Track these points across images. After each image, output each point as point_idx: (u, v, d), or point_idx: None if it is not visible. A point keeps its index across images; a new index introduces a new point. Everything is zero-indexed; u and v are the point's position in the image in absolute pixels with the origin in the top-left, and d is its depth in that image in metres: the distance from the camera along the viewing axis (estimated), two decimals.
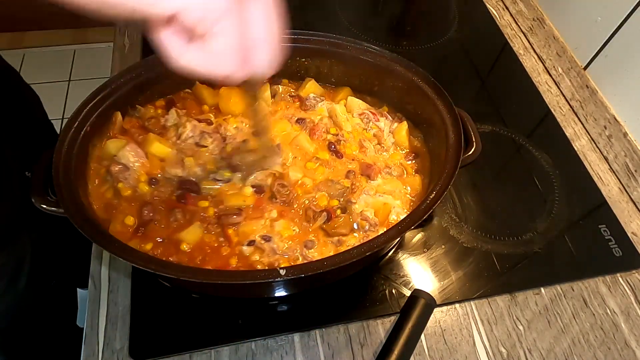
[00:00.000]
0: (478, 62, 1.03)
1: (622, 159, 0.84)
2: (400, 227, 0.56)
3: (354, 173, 0.70)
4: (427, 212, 0.56)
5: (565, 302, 0.70)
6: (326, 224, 0.63)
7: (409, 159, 0.74)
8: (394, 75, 0.74)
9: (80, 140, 0.62)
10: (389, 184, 0.70)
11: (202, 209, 0.64)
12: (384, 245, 0.55)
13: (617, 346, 0.66)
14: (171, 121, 0.71)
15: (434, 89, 0.70)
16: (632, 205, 0.82)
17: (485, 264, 0.72)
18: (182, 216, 0.63)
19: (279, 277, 0.50)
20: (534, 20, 1.07)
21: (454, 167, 0.61)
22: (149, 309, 0.64)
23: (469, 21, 1.11)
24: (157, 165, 0.67)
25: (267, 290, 0.65)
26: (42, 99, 1.09)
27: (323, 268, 0.52)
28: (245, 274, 0.55)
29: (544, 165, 0.84)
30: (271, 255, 0.61)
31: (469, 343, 0.65)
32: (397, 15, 1.13)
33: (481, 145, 0.66)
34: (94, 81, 2.11)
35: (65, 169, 0.58)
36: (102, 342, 0.61)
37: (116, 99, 0.68)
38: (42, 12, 2.22)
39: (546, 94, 0.97)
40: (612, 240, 0.76)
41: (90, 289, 0.66)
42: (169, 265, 0.54)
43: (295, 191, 0.66)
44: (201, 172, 0.67)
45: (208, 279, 0.52)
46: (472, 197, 0.79)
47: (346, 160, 0.71)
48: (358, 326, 0.65)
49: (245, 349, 0.62)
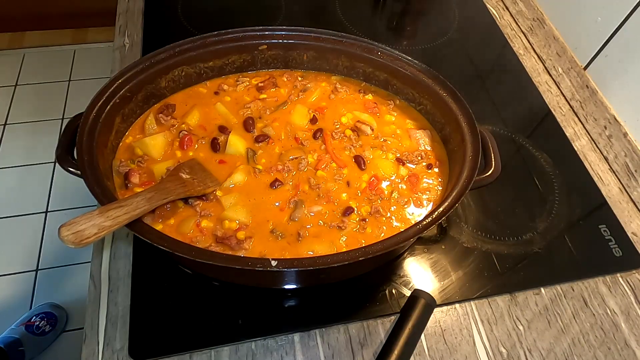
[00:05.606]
0: (478, 62, 1.03)
1: (622, 159, 0.84)
2: (391, 240, 0.57)
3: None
4: (420, 233, 0.57)
5: (565, 302, 0.70)
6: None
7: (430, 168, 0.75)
8: (421, 86, 0.76)
9: (108, 110, 0.66)
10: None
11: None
12: (376, 253, 0.55)
13: (617, 346, 0.66)
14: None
15: (459, 105, 0.71)
16: (632, 205, 0.82)
17: (485, 264, 0.72)
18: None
19: (270, 267, 0.52)
20: (534, 20, 1.07)
21: (464, 188, 0.61)
22: (149, 309, 0.64)
23: (469, 21, 1.11)
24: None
25: (275, 280, 0.65)
26: (42, 99, 1.09)
27: (314, 265, 0.53)
28: (237, 259, 0.55)
29: (544, 165, 0.84)
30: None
31: (469, 343, 0.65)
32: (397, 15, 1.13)
33: (501, 167, 0.66)
34: (94, 81, 2.13)
35: (89, 135, 0.62)
36: (102, 342, 0.61)
37: (147, 77, 0.71)
38: (42, 12, 2.22)
39: (546, 94, 0.97)
40: (612, 240, 0.76)
41: (90, 289, 0.66)
42: (165, 238, 0.55)
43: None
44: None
45: (201, 257, 0.53)
46: (472, 197, 0.79)
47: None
48: (358, 326, 0.65)
49: (245, 349, 0.62)
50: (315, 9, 1.09)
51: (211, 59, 0.78)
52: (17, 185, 1.80)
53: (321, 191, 0.69)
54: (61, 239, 0.48)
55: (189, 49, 0.74)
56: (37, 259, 1.61)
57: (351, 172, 0.72)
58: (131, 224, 0.54)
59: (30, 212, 1.73)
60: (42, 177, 1.82)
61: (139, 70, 0.71)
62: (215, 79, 0.81)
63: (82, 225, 0.49)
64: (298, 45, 0.80)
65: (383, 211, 0.68)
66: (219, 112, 0.77)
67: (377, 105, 0.80)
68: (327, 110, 0.79)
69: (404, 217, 0.68)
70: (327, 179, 0.71)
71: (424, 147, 0.76)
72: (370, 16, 1.12)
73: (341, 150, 0.75)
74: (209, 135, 0.74)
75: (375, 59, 0.78)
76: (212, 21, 0.95)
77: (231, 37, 0.77)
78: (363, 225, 0.66)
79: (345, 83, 0.83)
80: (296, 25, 0.79)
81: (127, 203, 0.54)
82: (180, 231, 0.63)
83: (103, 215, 0.51)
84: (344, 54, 0.80)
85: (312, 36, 0.79)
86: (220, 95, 0.79)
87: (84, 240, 0.49)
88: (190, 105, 0.77)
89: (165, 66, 0.73)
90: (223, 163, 0.71)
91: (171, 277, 0.67)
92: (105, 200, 0.55)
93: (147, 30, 0.99)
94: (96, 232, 0.50)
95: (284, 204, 0.68)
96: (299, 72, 0.84)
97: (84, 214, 0.50)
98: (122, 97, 0.68)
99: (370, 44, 0.78)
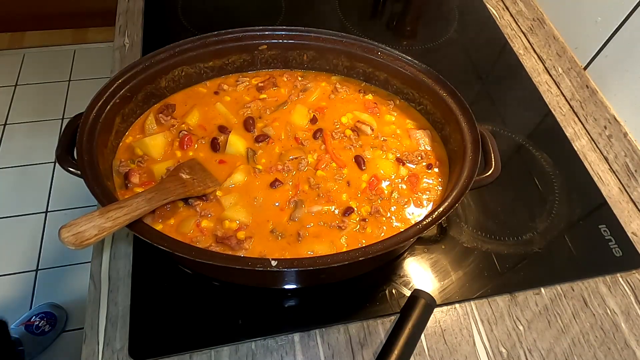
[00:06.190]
0: (478, 62, 1.03)
1: (622, 159, 0.84)
2: (388, 242, 0.57)
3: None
4: (420, 233, 0.57)
5: (565, 302, 0.70)
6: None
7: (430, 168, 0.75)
8: (421, 86, 0.76)
9: (108, 110, 0.66)
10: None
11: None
12: (373, 254, 0.55)
13: (617, 346, 0.66)
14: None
15: (459, 105, 0.71)
16: (632, 205, 0.82)
17: (485, 264, 0.72)
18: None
19: (270, 267, 0.52)
20: (534, 20, 1.07)
21: (464, 188, 0.61)
22: (149, 309, 0.64)
23: (469, 21, 1.11)
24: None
25: (275, 280, 0.65)
26: (42, 99, 1.09)
27: (314, 265, 0.53)
28: (237, 259, 0.55)
29: (544, 165, 0.84)
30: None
31: (469, 343, 0.65)
32: (397, 15, 1.13)
33: (501, 167, 0.66)
34: (94, 81, 2.13)
35: (89, 135, 0.62)
36: (102, 342, 0.61)
37: (147, 77, 0.71)
38: (42, 12, 2.22)
39: (546, 94, 0.97)
40: (612, 240, 0.76)
41: (90, 289, 0.66)
42: (165, 238, 0.55)
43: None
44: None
45: (201, 257, 0.53)
46: (472, 197, 0.79)
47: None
48: (358, 326, 0.65)
49: (245, 349, 0.62)
50: (315, 9, 1.09)
51: (211, 59, 0.78)
52: (17, 185, 1.80)
53: (321, 191, 0.69)
54: (61, 240, 0.48)
55: (189, 49, 0.74)
56: (37, 259, 1.61)
57: (351, 172, 0.72)
58: (131, 224, 0.54)
59: (30, 212, 1.73)
60: (42, 177, 1.82)
61: (139, 70, 0.71)
62: (215, 79, 0.81)
63: (82, 227, 0.49)
64: (298, 45, 0.80)
65: (383, 211, 0.68)
66: (219, 112, 0.77)
67: (377, 105, 0.80)
68: (327, 110, 0.79)
69: (404, 217, 0.68)
70: (327, 178, 0.71)
71: (424, 147, 0.76)
72: (370, 16, 1.12)
73: (341, 150, 0.75)
74: (209, 135, 0.74)
75: (375, 59, 0.78)
76: (212, 21, 0.95)
77: (231, 37, 0.77)
78: (363, 225, 0.66)
79: (345, 83, 0.83)
80: (296, 25, 0.79)
81: (127, 204, 0.54)
82: (180, 231, 0.63)
83: (103, 217, 0.51)
84: (344, 54, 0.80)
85: (312, 36, 0.79)
86: (220, 95, 0.79)
87: (84, 242, 0.49)
88: (190, 105, 0.77)
89: (165, 66, 0.73)
90: (223, 163, 0.71)
91: (171, 277, 0.67)
92: (105, 201, 0.56)
93: (147, 30, 0.99)
94: (96, 234, 0.50)
95: (284, 204, 0.68)
96: (299, 72, 0.84)
97: (84, 215, 0.50)
98: (122, 97, 0.69)
99: (370, 44, 0.78)
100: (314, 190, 0.69)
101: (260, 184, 0.70)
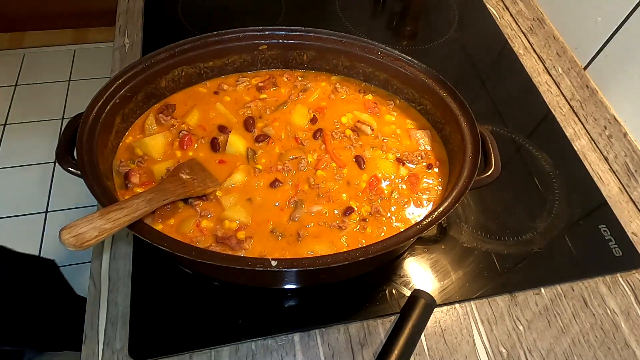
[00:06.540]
0: (478, 62, 1.03)
1: (622, 159, 0.84)
2: (387, 242, 0.57)
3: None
4: (420, 233, 0.57)
5: (565, 302, 0.70)
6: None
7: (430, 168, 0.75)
8: (421, 86, 0.76)
9: (108, 110, 0.66)
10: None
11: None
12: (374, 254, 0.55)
13: (617, 346, 0.66)
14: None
15: (459, 105, 0.71)
16: (632, 205, 0.82)
17: (485, 264, 0.72)
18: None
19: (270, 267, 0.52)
20: (534, 20, 1.07)
21: (464, 188, 0.61)
22: (149, 309, 0.64)
23: (469, 21, 1.11)
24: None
25: (275, 280, 0.65)
26: (42, 99, 1.10)
27: (314, 265, 0.53)
28: (237, 259, 0.55)
29: (544, 165, 0.84)
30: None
31: (469, 343, 0.65)
32: (397, 15, 1.13)
33: (501, 167, 0.66)
34: (94, 81, 2.13)
35: (89, 135, 0.62)
36: (102, 342, 0.61)
37: (147, 77, 0.71)
38: (42, 12, 2.22)
39: (546, 94, 0.97)
40: (612, 240, 0.76)
41: (90, 289, 0.66)
42: (165, 238, 0.55)
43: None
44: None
45: (201, 257, 0.53)
46: (472, 197, 0.79)
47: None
48: (358, 326, 0.65)
49: (245, 349, 0.62)
50: (315, 9, 1.09)
51: (211, 59, 0.78)
52: (17, 185, 1.80)
53: (321, 191, 0.69)
54: (62, 242, 0.48)
55: (189, 49, 0.74)
56: None
57: (351, 172, 0.72)
58: (131, 224, 0.54)
59: (30, 212, 1.73)
60: (42, 177, 1.82)
61: (139, 70, 0.71)
62: (215, 78, 0.81)
63: (82, 228, 0.49)
64: (298, 45, 0.80)
65: (383, 211, 0.68)
66: (219, 112, 0.77)
67: (377, 105, 0.80)
68: (327, 110, 0.79)
69: (404, 217, 0.68)
70: (327, 178, 0.71)
71: (424, 147, 0.76)
72: (370, 16, 1.12)
73: (341, 150, 0.75)
74: (209, 135, 0.74)
75: (375, 59, 0.78)
76: (212, 21, 0.95)
77: (231, 37, 0.77)
78: (363, 225, 0.66)
79: (345, 83, 0.83)
80: (296, 25, 0.79)
81: (127, 205, 0.54)
82: (181, 231, 0.63)
83: (103, 218, 0.51)
84: (344, 54, 0.80)
85: (312, 36, 0.79)
86: (220, 95, 0.79)
87: (85, 243, 0.49)
88: (190, 105, 0.77)
89: (165, 66, 0.73)
90: (223, 163, 0.71)
91: (171, 277, 0.67)
92: (105, 200, 0.56)
93: (147, 30, 0.99)
94: (97, 235, 0.50)
95: (283, 204, 0.68)
96: (299, 72, 0.84)
97: (84, 217, 0.50)
98: (122, 97, 0.69)
99: (370, 44, 0.78)
100: (314, 190, 0.69)
101: (261, 184, 0.70)
